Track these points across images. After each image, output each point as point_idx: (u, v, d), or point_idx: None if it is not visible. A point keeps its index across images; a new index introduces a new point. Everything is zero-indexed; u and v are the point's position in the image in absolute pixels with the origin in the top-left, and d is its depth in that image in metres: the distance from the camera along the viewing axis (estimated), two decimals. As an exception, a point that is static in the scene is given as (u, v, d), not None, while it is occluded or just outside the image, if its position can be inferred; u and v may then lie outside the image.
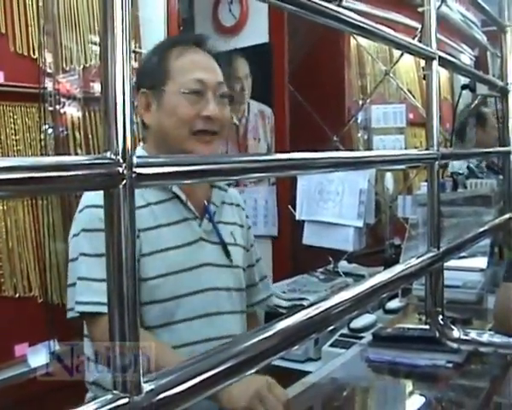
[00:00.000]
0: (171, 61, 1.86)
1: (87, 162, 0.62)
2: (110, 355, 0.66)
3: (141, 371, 0.66)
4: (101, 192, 0.64)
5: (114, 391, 0.66)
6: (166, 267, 1.80)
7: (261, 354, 0.81)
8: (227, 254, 1.94)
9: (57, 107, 2.92)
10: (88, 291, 1.71)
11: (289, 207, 3.90)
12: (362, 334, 2.64)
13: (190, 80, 1.83)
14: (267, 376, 1.69)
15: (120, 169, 0.62)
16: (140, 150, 1.92)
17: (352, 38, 4.42)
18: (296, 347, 0.92)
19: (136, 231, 1.65)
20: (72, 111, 2.99)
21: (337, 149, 3.85)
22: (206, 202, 1.94)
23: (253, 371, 0.82)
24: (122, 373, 0.66)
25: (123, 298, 0.64)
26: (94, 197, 1.73)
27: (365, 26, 1.15)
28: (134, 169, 0.63)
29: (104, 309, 1.60)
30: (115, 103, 0.63)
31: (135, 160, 0.63)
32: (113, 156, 0.62)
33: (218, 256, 1.92)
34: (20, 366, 2.69)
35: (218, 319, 1.86)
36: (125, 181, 0.62)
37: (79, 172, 0.61)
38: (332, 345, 2.71)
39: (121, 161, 0.62)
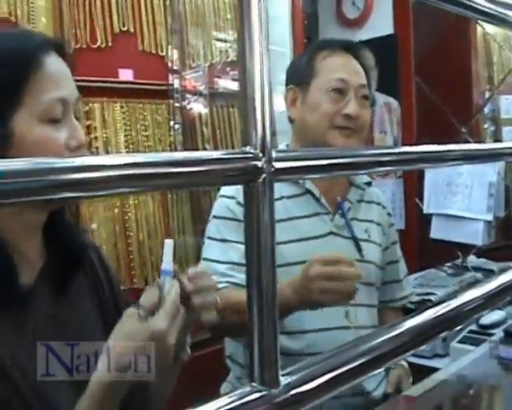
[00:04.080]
0: (318, 61, 1.97)
1: (227, 157, 0.63)
2: (248, 347, 0.67)
3: (279, 365, 0.66)
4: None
5: (253, 384, 0.66)
6: (294, 257, 1.85)
7: (391, 352, 0.80)
8: (358, 249, 1.98)
9: (184, 103, 2.98)
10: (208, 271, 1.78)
11: (416, 200, 3.84)
12: (491, 330, 2.57)
13: (334, 79, 1.93)
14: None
15: (259, 163, 0.62)
16: (282, 147, 2.07)
17: (478, 25, 4.29)
18: (425, 346, 0.90)
19: None
20: (198, 107, 3.05)
21: (466, 142, 3.75)
22: (339, 198, 2.01)
23: (382, 369, 0.81)
24: (260, 366, 0.66)
25: (262, 290, 0.65)
26: (228, 188, 1.89)
27: (493, 11, 1.11)
28: (273, 163, 0.63)
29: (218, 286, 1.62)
30: (254, 98, 0.63)
31: (273, 154, 0.64)
32: (252, 151, 0.63)
33: (348, 250, 1.95)
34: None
35: (342, 310, 1.88)
36: (264, 175, 0.62)
37: (219, 167, 0.62)
38: (460, 341, 2.65)
39: (260, 155, 0.62)
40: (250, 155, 0.63)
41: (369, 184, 2.13)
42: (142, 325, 1.09)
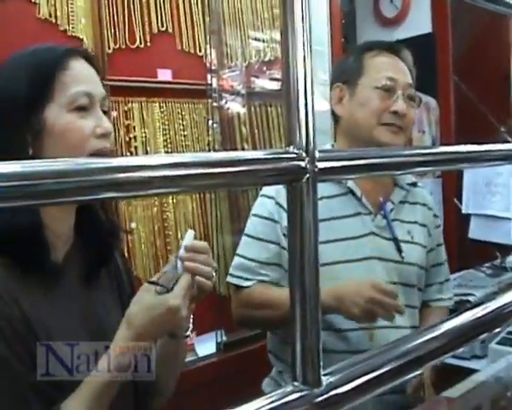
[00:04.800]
0: (367, 60, 2.01)
1: (270, 157, 0.63)
2: (290, 345, 0.67)
3: (321, 364, 0.67)
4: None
5: (295, 383, 0.66)
6: (333, 257, 1.91)
7: (430, 354, 0.80)
8: (399, 250, 2.00)
9: (222, 102, 2.99)
10: (239, 267, 1.98)
11: (455, 200, 3.81)
12: (531, 332, 2.55)
13: (383, 77, 1.97)
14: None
15: (303, 163, 0.63)
16: (328, 147, 2.10)
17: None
18: (463, 347, 0.90)
19: None
20: (236, 106, 3.05)
21: (505, 141, 3.71)
22: (382, 199, 2.02)
23: (420, 371, 0.81)
24: (302, 365, 0.66)
25: (305, 289, 0.65)
26: (269, 187, 1.94)
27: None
28: (316, 163, 0.63)
29: (248, 283, 1.87)
30: (297, 99, 0.64)
31: (317, 154, 0.64)
32: (295, 150, 0.63)
33: (388, 251, 1.99)
34: (188, 355, 2.78)
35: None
36: (307, 175, 0.63)
37: (263, 167, 0.62)
38: (499, 343, 2.62)
39: (304, 155, 0.63)
40: (293, 155, 0.63)
41: (414, 184, 2.14)
42: (159, 299, 1.24)
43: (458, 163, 1.06)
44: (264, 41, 3.21)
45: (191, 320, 1.41)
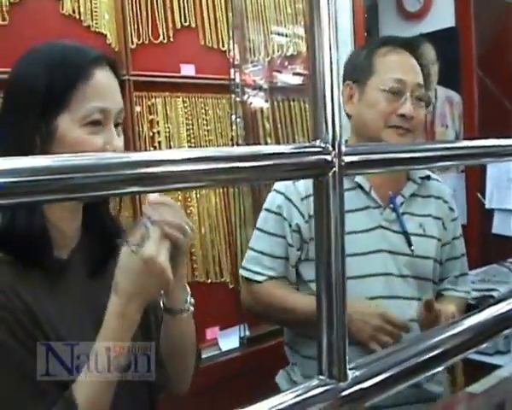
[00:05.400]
0: (377, 58, 2.00)
1: (297, 151, 0.64)
2: (317, 340, 0.67)
3: (347, 359, 0.67)
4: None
5: (321, 377, 0.67)
6: None
7: (453, 350, 0.80)
8: (409, 243, 2.00)
9: (245, 97, 2.99)
10: (251, 261, 2.04)
11: (478, 195, 3.79)
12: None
13: (391, 79, 1.95)
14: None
15: (329, 157, 0.63)
16: None
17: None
18: (487, 344, 0.90)
19: (307, 217, 1.96)
20: (259, 101, 3.05)
21: (529, 135, 3.68)
22: (391, 192, 2.02)
23: (443, 366, 0.81)
24: (328, 360, 0.66)
25: (331, 283, 0.65)
26: (280, 183, 2.00)
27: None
28: (342, 157, 0.64)
29: (259, 278, 1.93)
30: (324, 94, 0.64)
31: (343, 148, 0.64)
32: (322, 144, 0.63)
33: (398, 245, 1.99)
34: (211, 349, 2.79)
35: (390, 302, 1.93)
36: (334, 169, 0.63)
37: (289, 161, 0.62)
38: (523, 338, 2.62)
39: (331, 149, 0.63)
40: (320, 149, 0.63)
41: (427, 178, 2.13)
42: (135, 256, 1.23)
43: (481, 158, 1.05)
44: (286, 36, 3.21)
45: (188, 291, 1.44)
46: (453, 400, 2.07)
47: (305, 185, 1.97)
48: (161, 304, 1.44)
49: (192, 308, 1.45)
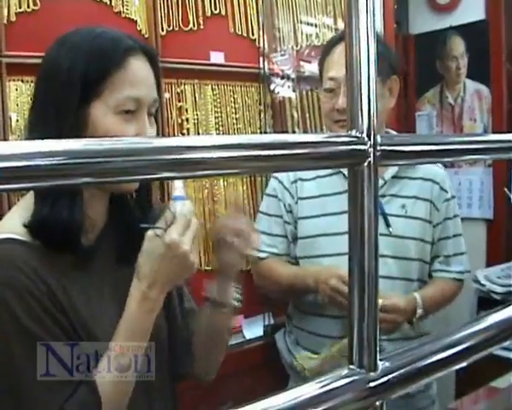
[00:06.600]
0: (322, 60, 2.19)
1: (332, 140, 0.64)
2: (349, 331, 0.68)
3: (378, 349, 0.67)
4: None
5: (351, 366, 0.67)
6: (318, 230, 2.17)
7: (478, 345, 0.81)
8: (387, 224, 2.12)
9: (273, 86, 2.99)
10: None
11: (505, 189, 3.76)
12: None
13: (327, 77, 2.13)
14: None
15: (365, 147, 0.63)
16: None
17: None
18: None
19: (296, 198, 2.19)
20: (287, 91, 3.05)
21: (559, 130, 3.65)
22: None
23: (466, 363, 0.81)
24: (359, 350, 0.67)
25: (363, 273, 0.65)
26: None
27: None
28: (378, 147, 0.64)
29: (261, 255, 2.12)
30: (360, 83, 0.64)
31: (378, 138, 0.64)
32: (358, 134, 0.63)
33: None
34: (235, 337, 2.80)
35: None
36: (369, 159, 0.63)
37: (325, 150, 0.63)
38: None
39: (366, 139, 0.63)
40: (355, 139, 0.63)
41: None
42: (159, 240, 1.25)
43: (510, 152, 1.05)
44: (315, 26, 3.19)
45: (239, 290, 1.50)
46: (476, 394, 2.07)
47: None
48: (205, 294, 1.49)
49: (236, 304, 1.50)
